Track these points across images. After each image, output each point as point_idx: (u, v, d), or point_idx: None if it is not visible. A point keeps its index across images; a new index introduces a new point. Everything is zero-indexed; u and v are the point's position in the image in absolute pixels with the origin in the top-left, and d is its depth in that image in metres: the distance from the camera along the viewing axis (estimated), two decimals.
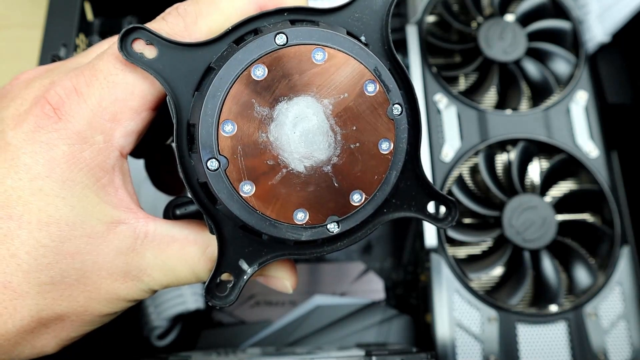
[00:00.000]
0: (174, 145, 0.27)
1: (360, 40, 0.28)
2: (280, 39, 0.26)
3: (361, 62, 0.27)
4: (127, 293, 0.29)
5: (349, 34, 0.28)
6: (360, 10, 0.29)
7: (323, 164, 0.27)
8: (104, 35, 0.58)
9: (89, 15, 0.58)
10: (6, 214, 0.26)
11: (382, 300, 0.63)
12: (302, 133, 0.26)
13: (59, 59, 0.51)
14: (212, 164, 0.26)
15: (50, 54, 0.51)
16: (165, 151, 0.42)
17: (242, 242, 0.28)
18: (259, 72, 0.26)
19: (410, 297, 0.62)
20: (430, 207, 0.30)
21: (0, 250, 0.26)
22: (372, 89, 0.27)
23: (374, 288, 0.64)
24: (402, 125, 0.28)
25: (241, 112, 0.26)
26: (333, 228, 0.27)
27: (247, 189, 0.26)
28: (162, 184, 0.43)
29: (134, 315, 0.60)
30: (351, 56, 0.27)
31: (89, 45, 0.57)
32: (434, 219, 0.30)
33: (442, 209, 0.30)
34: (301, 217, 0.27)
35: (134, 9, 0.60)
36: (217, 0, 0.29)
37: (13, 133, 0.27)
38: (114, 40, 0.28)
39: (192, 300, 0.59)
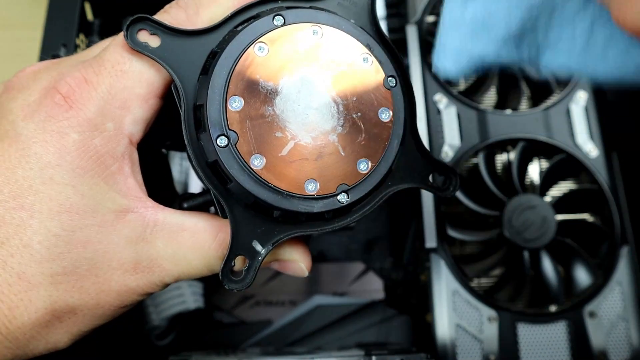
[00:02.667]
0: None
1: (350, 22, 0.30)
2: (278, 20, 0.28)
3: (355, 38, 0.29)
4: (137, 285, 0.28)
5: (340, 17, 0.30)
6: None
7: (328, 133, 0.28)
8: (104, 35, 0.58)
9: (89, 15, 0.58)
10: (18, 204, 0.26)
11: (382, 300, 0.63)
12: (307, 105, 0.28)
13: None
14: (222, 141, 0.27)
15: (50, 54, 0.51)
16: (160, 161, 0.42)
17: (254, 223, 0.28)
18: (261, 50, 0.28)
19: (410, 297, 0.62)
20: (432, 177, 0.31)
21: (14, 241, 0.26)
22: (367, 62, 0.29)
23: (374, 288, 0.64)
24: (398, 96, 0.30)
25: (247, 88, 0.27)
26: (343, 198, 0.28)
27: (258, 162, 0.27)
28: (159, 196, 0.43)
29: (134, 315, 0.59)
30: (345, 32, 0.29)
31: (89, 45, 0.57)
32: (436, 188, 0.31)
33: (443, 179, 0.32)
34: (312, 187, 0.28)
35: (133, 9, 0.60)
36: None
37: (24, 124, 0.27)
38: (116, 37, 0.29)
39: (192, 300, 0.59)
